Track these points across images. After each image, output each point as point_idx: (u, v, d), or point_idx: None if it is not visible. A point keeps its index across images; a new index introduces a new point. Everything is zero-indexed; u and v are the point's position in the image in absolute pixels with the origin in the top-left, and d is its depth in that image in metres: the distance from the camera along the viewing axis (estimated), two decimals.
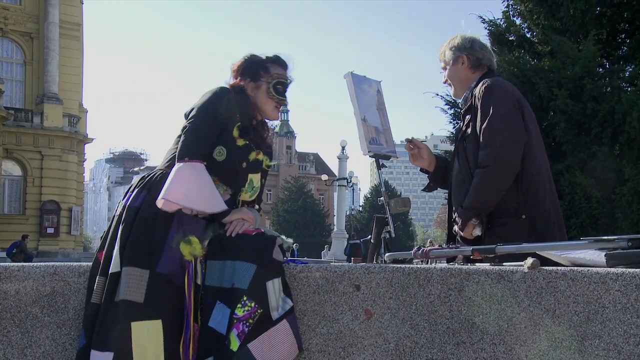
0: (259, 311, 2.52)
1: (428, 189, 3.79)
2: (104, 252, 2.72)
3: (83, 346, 2.62)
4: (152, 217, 2.68)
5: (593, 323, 2.31)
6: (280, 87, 3.08)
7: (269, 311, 2.55)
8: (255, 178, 3.01)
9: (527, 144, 3.23)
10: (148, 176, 2.88)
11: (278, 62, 3.13)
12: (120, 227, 2.70)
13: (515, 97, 3.31)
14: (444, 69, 3.60)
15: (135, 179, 2.92)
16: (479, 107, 3.28)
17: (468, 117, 3.38)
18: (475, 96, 3.34)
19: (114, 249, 2.68)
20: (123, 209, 2.77)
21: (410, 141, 3.66)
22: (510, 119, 3.22)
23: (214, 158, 2.86)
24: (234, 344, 2.48)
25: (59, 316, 2.77)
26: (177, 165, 2.74)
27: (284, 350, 2.55)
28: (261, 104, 3.07)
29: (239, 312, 2.51)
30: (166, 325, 2.55)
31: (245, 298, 2.53)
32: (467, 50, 3.51)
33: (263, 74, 3.07)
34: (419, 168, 3.84)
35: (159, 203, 2.66)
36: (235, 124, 2.93)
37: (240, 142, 2.93)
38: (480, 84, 3.35)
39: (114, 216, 2.81)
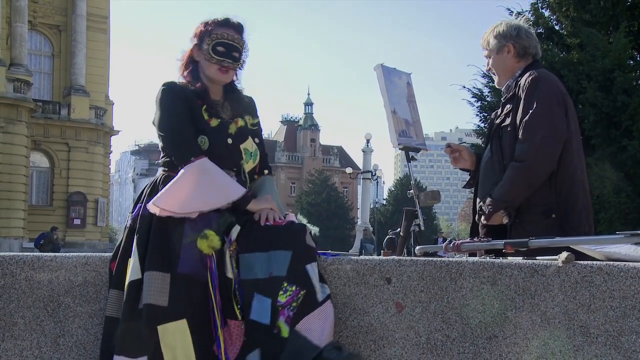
0: (301, 292, 2.48)
1: (468, 185, 3.73)
2: (116, 263, 2.71)
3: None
4: (165, 221, 2.64)
5: (630, 318, 2.27)
6: (221, 48, 2.87)
7: (315, 293, 2.51)
8: (248, 144, 2.94)
9: (567, 143, 3.17)
10: (153, 182, 2.86)
11: (226, 24, 2.94)
12: (135, 238, 2.67)
13: (560, 92, 3.24)
14: (488, 57, 3.49)
15: (145, 190, 2.87)
16: (522, 98, 3.21)
17: (509, 106, 3.30)
18: (520, 86, 3.26)
19: (125, 261, 2.66)
20: (134, 221, 2.74)
21: (449, 146, 3.61)
22: (554, 114, 3.15)
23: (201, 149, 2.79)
24: (285, 331, 2.45)
25: (90, 306, 2.78)
26: (180, 173, 2.71)
27: (329, 329, 2.50)
28: (204, 69, 2.92)
29: (282, 299, 2.48)
30: (192, 324, 2.52)
31: (285, 284, 2.49)
32: (512, 38, 3.41)
33: (206, 38, 2.91)
34: (447, 163, 3.80)
35: (150, 207, 2.64)
36: (200, 107, 2.86)
37: (214, 122, 2.86)
38: (527, 74, 3.27)
39: (125, 228, 2.78)
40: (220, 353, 2.53)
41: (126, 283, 2.60)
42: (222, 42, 2.89)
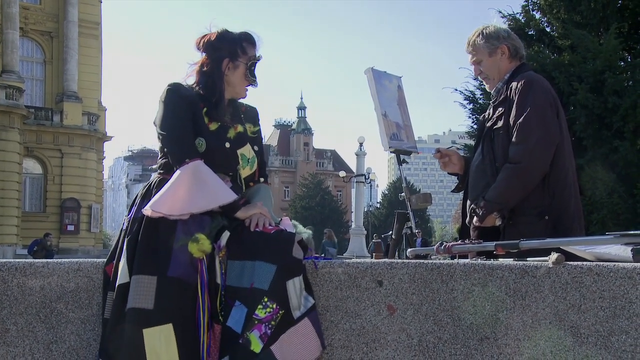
0: (280, 312, 2.50)
1: (457, 189, 3.74)
2: (113, 265, 2.72)
3: None
4: (155, 223, 2.66)
5: (620, 318, 2.28)
6: (253, 69, 3.02)
7: (291, 311, 2.53)
8: (245, 151, 2.97)
9: (559, 146, 3.18)
10: (148, 185, 2.89)
11: (251, 41, 3.04)
12: (126, 240, 2.69)
13: (552, 95, 3.26)
14: (477, 62, 3.46)
15: (140, 191, 2.91)
16: (515, 101, 3.21)
17: (501, 109, 3.30)
18: (512, 89, 3.26)
19: (120, 262, 2.67)
20: (128, 223, 2.77)
21: (438, 151, 3.61)
22: (547, 117, 3.17)
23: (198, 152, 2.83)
24: (256, 346, 2.45)
25: (83, 312, 2.78)
26: (174, 175, 2.74)
27: (305, 349, 2.53)
28: (235, 84, 3.00)
29: (261, 314, 2.48)
30: (179, 328, 2.52)
31: (266, 299, 2.50)
32: (506, 40, 3.39)
33: (241, 54, 2.99)
34: (438, 166, 3.79)
35: (146, 212, 2.66)
36: (201, 111, 2.90)
37: (213, 126, 2.90)
38: (519, 77, 3.27)
39: (121, 230, 2.80)
40: (202, 356, 2.53)
41: (115, 286, 2.62)
42: (255, 63, 3.02)
